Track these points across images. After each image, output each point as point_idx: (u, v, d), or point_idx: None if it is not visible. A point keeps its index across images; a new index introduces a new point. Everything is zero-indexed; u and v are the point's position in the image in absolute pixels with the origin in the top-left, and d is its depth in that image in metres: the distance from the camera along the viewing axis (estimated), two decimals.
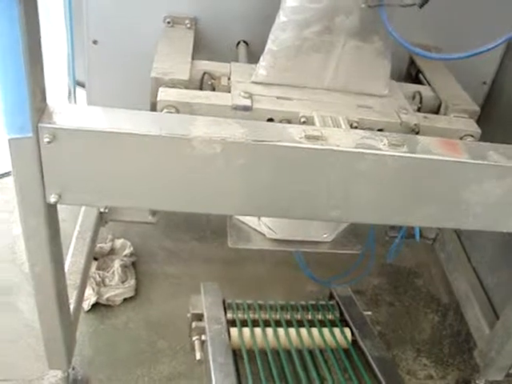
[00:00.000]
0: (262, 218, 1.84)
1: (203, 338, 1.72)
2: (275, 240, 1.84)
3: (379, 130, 1.48)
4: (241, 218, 1.90)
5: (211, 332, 1.69)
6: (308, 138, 1.24)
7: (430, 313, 2.32)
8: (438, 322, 2.29)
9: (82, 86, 2.22)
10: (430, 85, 1.78)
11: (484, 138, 1.55)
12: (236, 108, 1.46)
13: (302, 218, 1.51)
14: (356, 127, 1.46)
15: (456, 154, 1.31)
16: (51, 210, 1.31)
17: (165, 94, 1.47)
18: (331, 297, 2.00)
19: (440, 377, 2.07)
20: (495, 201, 1.36)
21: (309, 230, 1.83)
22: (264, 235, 1.84)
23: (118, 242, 2.31)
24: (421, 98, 1.73)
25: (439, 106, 1.71)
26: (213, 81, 1.64)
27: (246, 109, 1.47)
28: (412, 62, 1.94)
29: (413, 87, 1.77)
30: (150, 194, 1.29)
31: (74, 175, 1.23)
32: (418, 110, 1.70)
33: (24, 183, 1.23)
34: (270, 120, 1.46)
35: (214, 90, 1.61)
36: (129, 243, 2.31)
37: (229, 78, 1.62)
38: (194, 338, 1.75)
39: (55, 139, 1.16)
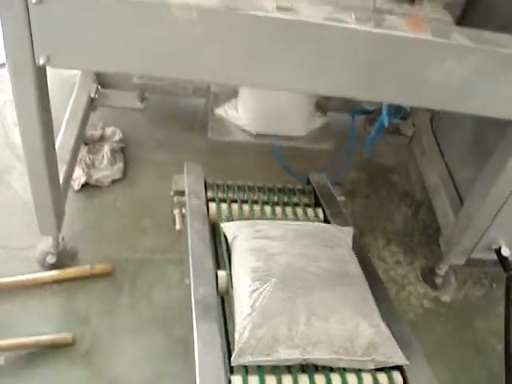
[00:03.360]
0: (241, 110, 1.94)
1: (183, 211, 1.84)
2: (253, 134, 1.94)
3: None
4: (223, 113, 2.00)
5: (191, 205, 1.80)
6: (279, 8, 1.31)
7: (403, 207, 2.45)
8: (410, 215, 2.42)
9: None
10: None
11: None
12: None
13: (273, 88, 1.59)
14: None
15: (420, 32, 1.39)
16: (40, 74, 1.39)
17: None
18: (308, 183, 2.10)
19: (407, 263, 2.22)
20: (456, 81, 1.44)
21: (284, 125, 1.94)
22: (243, 129, 1.93)
23: (109, 130, 2.40)
24: None
25: None
26: None
27: None
28: None
29: None
30: (131, 59, 1.36)
31: (61, 38, 1.30)
32: None
33: (13, 44, 1.30)
34: None
35: None
36: (118, 130, 2.41)
37: None
38: (175, 212, 1.87)
39: (43, 0, 1.23)
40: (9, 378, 1.63)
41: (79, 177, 2.18)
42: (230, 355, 1.29)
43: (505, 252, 1.93)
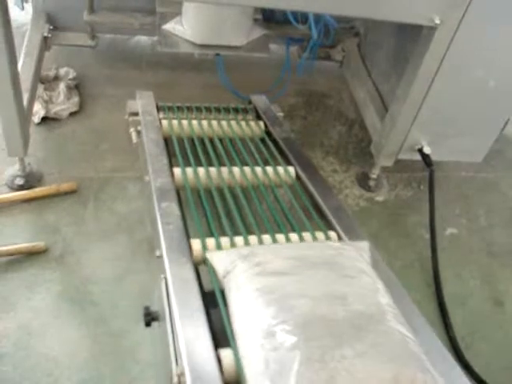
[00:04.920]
0: (186, 25, 2.15)
1: (139, 128, 2.03)
2: (197, 45, 2.15)
3: None
4: (170, 28, 2.20)
5: (145, 121, 1.98)
6: None
7: (338, 125, 2.71)
8: (344, 132, 2.68)
9: None
10: None
11: None
12: None
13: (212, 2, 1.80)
14: None
15: None
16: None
17: None
18: (249, 104, 2.32)
19: (343, 171, 2.48)
20: None
21: (225, 36, 2.15)
22: (189, 41, 2.14)
23: (62, 70, 2.56)
24: None
25: None
26: None
27: None
28: None
29: None
30: None
31: None
32: None
33: None
34: None
35: None
36: (72, 70, 2.57)
37: None
38: (130, 130, 2.05)
39: None
40: None
41: (38, 111, 2.34)
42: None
43: (426, 150, 2.19)
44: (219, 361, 1.13)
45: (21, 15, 2.58)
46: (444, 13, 1.78)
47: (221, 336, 1.20)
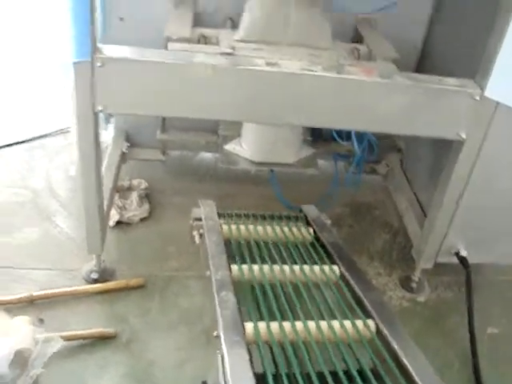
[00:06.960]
0: (244, 146, 2.48)
1: (201, 231, 2.30)
2: (254, 163, 2.48)
3: None
4: (230, 148, 2.54)
5: (208, 225, 2.26)
6: (268, 64, 1.86)
7: (383, 233, 2.93)
8: (389, 239, 2.90)
9: None
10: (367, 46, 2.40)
11: None
12: (221, 54, 2.08)
13: (268, 123, 2.13)
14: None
15: (371, 76, 1.93)
16: (96, 118, 1.92)
17: (172, 46, 2.10)
18: (301, 212, 2.58)
19: (387, 274, 2.68)
20: (399, 111, 1.97)
21: (278, 155, 2.48)
22: (247, 159, 2.47)
23: (135, 181, 2.91)
24: (358, 53, 2.36)
25: None
26: (206, 39, 2.29)
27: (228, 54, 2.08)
28: (357, 31, 2.55)
29: (353, 45, 2.39)
30: (166, 105, 1.91)
31: (114, 91, 1.84)
32: None
33: (81, 97, 1.83)
34: None
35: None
36: (143, 181, 2.92)
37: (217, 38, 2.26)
38: (193, 233, 2.31)
39: (104, 64, 1.77)
40: (66, 361, 2.04)
41: (113, 216, 2.67)
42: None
43: (463, 253, 2.38)
44: None
45: (103, 134, 2.97)
46: (469, 128, 2.02)
47: None
